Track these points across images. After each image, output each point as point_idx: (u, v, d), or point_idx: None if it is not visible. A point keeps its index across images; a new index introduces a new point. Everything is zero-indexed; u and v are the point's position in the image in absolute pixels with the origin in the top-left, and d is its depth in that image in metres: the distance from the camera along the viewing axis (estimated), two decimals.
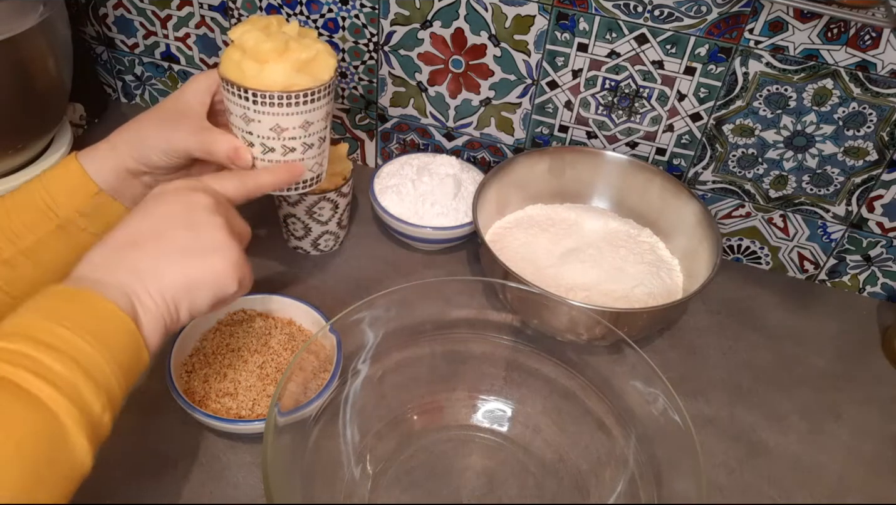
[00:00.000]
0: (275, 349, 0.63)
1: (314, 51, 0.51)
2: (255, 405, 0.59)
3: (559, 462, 0.60)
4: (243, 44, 0.50)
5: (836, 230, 0.77)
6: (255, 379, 0.61)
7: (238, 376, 0.61)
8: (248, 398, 0.59)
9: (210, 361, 0.62)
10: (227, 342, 0.63)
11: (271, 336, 0.64)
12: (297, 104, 0.51)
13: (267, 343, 0.63)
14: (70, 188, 0.53)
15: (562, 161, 0.79)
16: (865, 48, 0.64)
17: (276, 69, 0.50)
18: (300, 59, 0.51)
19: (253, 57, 0.50)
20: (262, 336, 0.64)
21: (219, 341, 0.63)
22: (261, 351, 0.63)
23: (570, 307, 0.60)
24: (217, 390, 0.60)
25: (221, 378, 0.60)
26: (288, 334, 0.65)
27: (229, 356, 0.62)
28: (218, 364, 0.61)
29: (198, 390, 0.59)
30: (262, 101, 0.50)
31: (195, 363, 0.62)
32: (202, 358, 0.62)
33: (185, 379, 0.60)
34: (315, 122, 0.53)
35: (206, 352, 0.62)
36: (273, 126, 0.52)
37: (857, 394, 0.70)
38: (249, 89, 0.50)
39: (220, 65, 0.52)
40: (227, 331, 0.64)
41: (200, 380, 0.60)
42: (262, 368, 0.61)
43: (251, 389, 0.60)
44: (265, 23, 0.52)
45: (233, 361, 0.62)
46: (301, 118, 0.52)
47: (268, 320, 0.65)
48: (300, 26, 0.53)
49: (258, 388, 0.60)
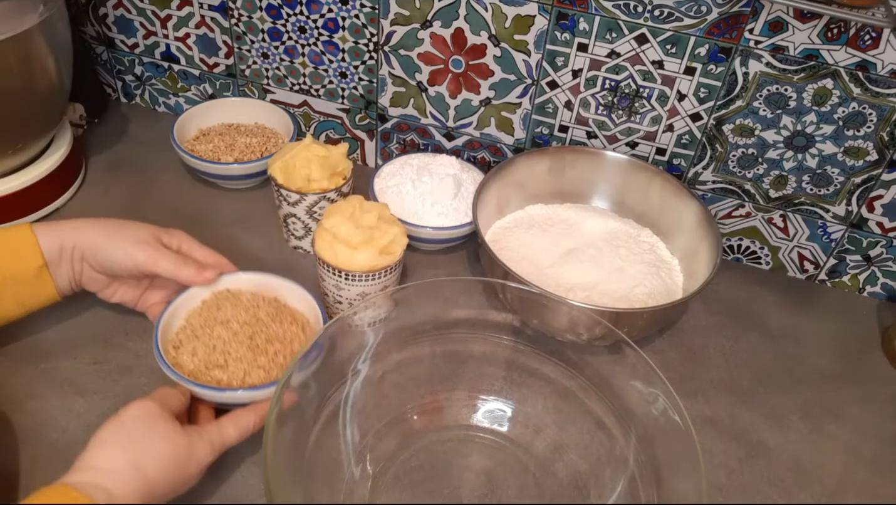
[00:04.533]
0: (264, 321, 0.62)
1: (391, 235, 0.64)
2: (246, 376, 0.58)
3: (559, 462, 0.60)
4: (336, 232, 0.63)
5: (836, 230, 0.77)
6: (246, 350, 0.59)
7: (228, 348, 0.59)
8: (238, 369, 0.58)
9: (198, 335, 0.60)
10: (215, 315, 0.62)
11: (259, 308, 0.63)
12: (380, 277, 0.64)
13: (255, 315, 0.62)
14: (16, 253, 0.58)
15: (562, 161, 0.79)
16: (865, 48, 0.64)
17: (364, 255, 0.62)
18: (381, 244, 0.63)
19: (344, 243, 0.62)
20: (251, 308, 0.63)
21: (206, 316, 0.62)
22: (250, 323, 0.61)
23: (570, 307, 0.60)
24: (207, 363, 0.58)
25: (211, 350, 0.59)
26: (276, 308, 0.64)
27: (218, 329, 0.61)
28: (206, 337, 0.60)
29: (187, 364, 0.58)
30: (353, 278, 0.63)
31: (182, 339, 0.60)
32: (190, 333, 0.61)
33: (172, 354, 0.59)
34: (391, 284, 0.66)
35: (194, 326, 0.61)
36: (360, 293, 0.65)
37: (857, 394, 0.70)
38: (342, 270, 0.63)
39: (314, 244, 0.65)
40: (214, 305, 0.63)
41: (189, 354, 0.59)
42: (252, 338, 0.60)
43: (242, 361, 0.59)
44: (350, 210, 0.64)
45: (221, 333, 0.60)
46: (381, 285, 0.65)
47: (255, 295, 0.64)
48: (377, 203, 0.67)
49: (249, 358, 0.59)
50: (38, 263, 0.58)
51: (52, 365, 0.62)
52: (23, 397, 0.60)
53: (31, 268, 0.58)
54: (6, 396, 0.59)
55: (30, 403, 0.59)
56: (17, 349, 0.63)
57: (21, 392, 0.60)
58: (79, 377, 0.62)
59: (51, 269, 0.59)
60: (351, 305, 0.65)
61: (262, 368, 0.59)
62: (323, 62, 0.81)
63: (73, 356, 0.63)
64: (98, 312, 0.66)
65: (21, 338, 0.64)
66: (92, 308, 0.67)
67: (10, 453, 0.56)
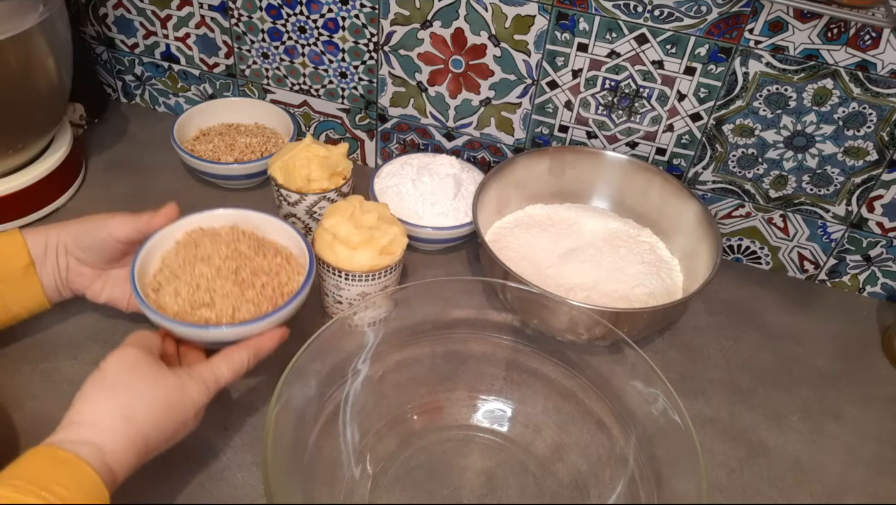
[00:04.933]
0: (246, 254, 0.59)
1: (391, 235, 0.63)
2: (235, 312, 0.55)
3: (559, 462, 0.60)
4: (336, 232, 0.62)
5: (836, 230, 0.77)
6: (232, 285, 0.56)
7: (212, 285, 0.56)
8: (226, 305, 0.55)
9: (178, 274, 0.57)
10: (194, 253, 0.59)
11: (240, 242, 0.60)
12: (380, 277, 0.64)
13: (237, 249, 0.59)
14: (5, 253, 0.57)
15: (562, 161, 0.79)
16: (865, 48, 0.64)
17: (364, 255, 0.62)
18: (381, 244, 0.62)
19: (344, 243, 0.62)
20: (231, 242, 0.60)
21: (184, 254, 0.59)
22: (233, 257, 0.58)
23: (570, 307, 0.60)
24: (192, 302, 0.55)
25: (194, 289, 0.56)
26: (256, 241, 0.61)
27: (199, 266, 0.57)
28: (188, 276, 0.57)
29: (170, 306, 0.55)
30: (353, 278, 0.63)
31: (161, 281, 0.57)
32: (169, 274, 0.58)
33: (153, 298, 0.56)
34: (391, 284, 0.65)
35: (172, 267, 0.58)
36: (360, 293, 0.64)
37: (857, 394, 0.70)
38: (342, 270, 0.62)
39: (314, 244, 0.64)
40: (191, 243, 0.60)
41: (171, 295, 0.56)
42: (237, 273, 0.57)
43: (229, 297, 0.56)
44: (350, 210, 0.63)
45: (204, 270, 0.57)
46: (381, 285, 0.64)
47: (233, 229, 0.62)
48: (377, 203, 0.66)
49: (236, 293, 0.56)
50: (24, 262, 0.58)
51: (52, 365, 0.62)
52: (23, 397, 0.60)
53: (18, 267, 0.57)
54: (6, 396, 0.59)
55: (30, 403, 0.59)
56: (17, 349, 0.63)
57: (21, 392, 0.60)
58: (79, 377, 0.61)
59: (37, 267, 0.58)
60: (351, 305, 0.65)
61: (250, 302, 0.56)
62: (323, 62, 0.81)
63: (73, 356, 0.63)
64: (98, 312, 0.66)
65: (21, 338, 0.64)
66: (92, 308, 0.66)
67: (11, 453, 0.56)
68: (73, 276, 0.61)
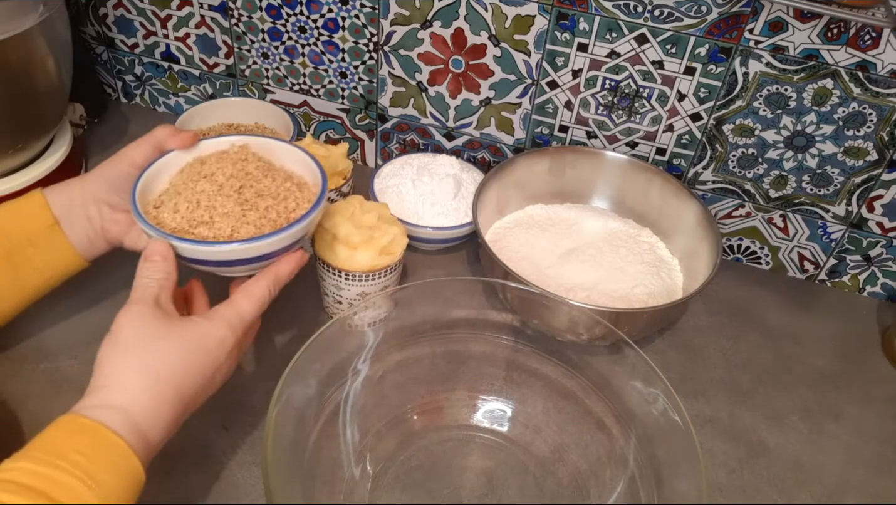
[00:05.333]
0: (254, 175, 0.56)
1: (391, 235, 0.63)
2: (233, 232, 0.53)
3: (559, 462, 0.60)
4: (336, 232, 0.62)
5: (836, 230, 0.77)
6: (234, 204, 0.54)
7: (213, 203, 0.54)
8: (225, 225, 0.53)
9: (180, 191, 0.55)
10: (199, 170, 0.56)
11: (248, 162, 0.57)
12: (380, 277, 0.64)
13: (244, 168, 0.56)
14: (27, 215, 0.56)
15: (562, 161, 0.79)
16: (865, 48, 0.64)
17: (364, 255, 0.62)
18: (381, 244, 0.62)
19: (344, 243, 0.62)
20: (238, 161, 0.57)
21: (189, 172, 0.57)
22: (237, 176, 0.56)
23: (570, 307, 0.60)
24: (190, 220, 0.53)
25: (194, 206, 0.54)
26: (267, 163, 0.58)
27: (202, 182, 0.55)
28: (189, 192, 0.54)
29: (168, 222, 0.53)
30: (353, 278, 0.63)
31: (164, 199, 0.55)
32: (172, 192, 0.56)
33: (153, 214, 0.54)
34: (391, 284, 0.65)
35: (176, 185, 0.56)
36: (360, 293, 0.64)
37: (857, 394, 0.70)
38: (342, 270, 0.62)
39: (314, 244, 0.64)
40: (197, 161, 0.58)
41: (171, 211, 0.54)
42: (241, 192, 0.55)
43: (229, 216, 0.53)
44: (350, 210, 0.63)
45: (206, 187, 0.55)
46: (381, 285, 0.64)
47: (244, 149, 0.59)
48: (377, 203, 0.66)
49: (236, 214, 0.53)
50: (48, 222, 0.56)
51: (52, 365, 0.62)
52: (23, 397, 0.60)
53: (42, 227, 0.56)
54: (7, 396, 0.59)
55: (31, 403, 0.59)
56: (17, 349, 0.63)
57: (22, 392, 0.60)
58: (79, 377, 0.62)
59: (63, 225, 0.57)
60: (351, 305, 0.65)
61: (251, 224, 0.53)
62: (323, 62, 0.81)
63: (74, 356, 0.63)
64: (99, 313, 0.66)
65: (22, 338, 0.64)
66: (92, 308, 0.67)
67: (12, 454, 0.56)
68: (108, 224, 0.58)
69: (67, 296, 0.63)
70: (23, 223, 0.56)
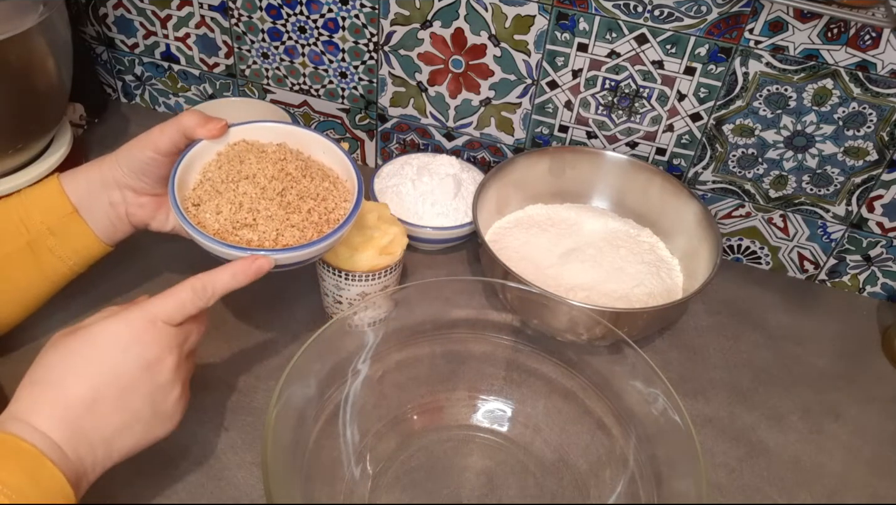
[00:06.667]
0: (294, 175, 0.56)
1: (391, 235, 0.63)
2: (278, 235, 0.53)
3: (559, 462, 0.60)
4: None
5: (836, 230, 0.77)
6: (277, 207, 0.54)
7: (256, 206, 0.53)
8: (270, 228, 0.53)
9: (220, 191, 0.54)
10: (238, 169, 0.56)
11: (287, 162, 0.57)
12: (380, 277, 0.64)
13: (284, 169, 0.56)
14: (45, 204, 0.56)
15: (562, 161, 0.79)
16: (865, 48, 0.64)
17: (364, 255, 0.62)
18: (381, 244, 0.62)
19: (344, 243, 0.61)
20: (278, 162, 0.56)
21: (227, 169, 0.56)
22: (279, 178, 0.55)
23: (570, 307, 0.60)
24: (234, 222, 0.53)
25: (237, 208, 0.53)
26: (304, 161, 0.58)
27: (243, 184, 0.54)
28: (231, 193, 0.54)
29: (211, 224, 0.53)
30: (353, 278, 0.63)
31: (202, 196, 0.54)
32: (210, 189, 0.55)
33: (193, 213, 0.53)
34: (391, 284, 0.65)
35: (214, 181, 0.55)
36: (360, 293, 0.64)
37: (857, 394, 0.70)
38: (342, 270, 0.62)
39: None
40: (235, 157, 0.57)
41: (213, 212, 0.53)
42: (283, 195, 0.54)
43: (273, 219, 0.53)
44: None
45: (248, 189, 0.54)
46: (381, 285, 0.64)
47: (281, 147, 0.58)
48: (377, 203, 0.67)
49: (280, 217, 0.54)
50: (66, 210, 0.55)
51: None
52: None
53: (61, 216, 0.55)
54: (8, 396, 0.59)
55: None
56: (18, 350, 0.63)
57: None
58: None
59: (82, 212, 0.56)
60: (351, 305, 0.65)
61: (295, 227, 0.54)
62: (323, 62, 0.81)
63: None
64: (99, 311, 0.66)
65: (22, 339, 0.64)
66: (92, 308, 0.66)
67: None
68: (133, 209, 0.58)
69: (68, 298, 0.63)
70: (41, 213, 0.55)
